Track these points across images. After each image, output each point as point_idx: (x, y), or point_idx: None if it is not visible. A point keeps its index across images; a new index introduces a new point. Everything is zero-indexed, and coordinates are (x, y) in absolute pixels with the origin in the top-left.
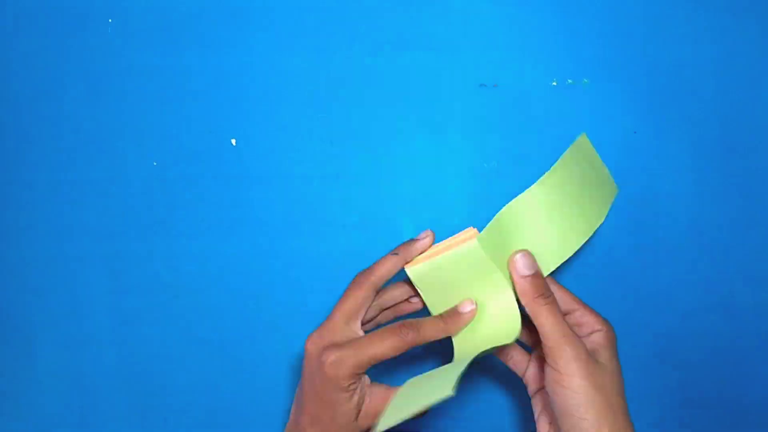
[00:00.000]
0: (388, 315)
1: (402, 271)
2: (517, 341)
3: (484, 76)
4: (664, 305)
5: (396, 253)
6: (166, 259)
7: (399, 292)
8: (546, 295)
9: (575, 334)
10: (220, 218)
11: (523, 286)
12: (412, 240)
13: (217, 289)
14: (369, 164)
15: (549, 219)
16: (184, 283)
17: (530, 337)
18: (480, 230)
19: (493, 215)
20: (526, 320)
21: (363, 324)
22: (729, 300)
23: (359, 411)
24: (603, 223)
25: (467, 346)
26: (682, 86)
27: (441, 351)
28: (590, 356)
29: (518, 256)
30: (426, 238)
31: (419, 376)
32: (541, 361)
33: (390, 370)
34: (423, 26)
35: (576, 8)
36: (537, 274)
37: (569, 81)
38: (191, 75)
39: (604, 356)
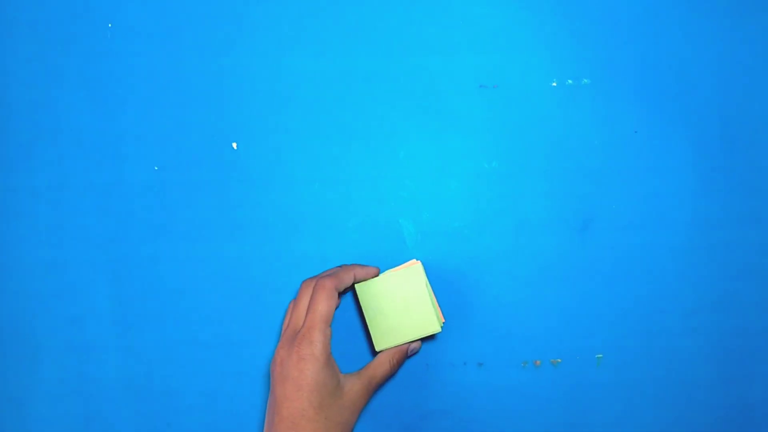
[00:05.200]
0: None
1: None
2: None
3: (485, 77)
4: (666, 304)
5: (352, 269)
6: (168, 263)
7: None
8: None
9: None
10: (221, 222)
11: None
12: (361, 265)
13: (219, 293)
14: (370, 166)
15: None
16: (187, 287)
17: None
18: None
19: (494, 215)
20: None
21: None
22: (731, 298)
23: (342, 396)
24: (603, 223)
25: (389, 338)
26: (682, 86)
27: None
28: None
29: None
30: (375, 267)
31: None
32: None
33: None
34: (423, 28)
35: (576, 9)
36: None
37: (569, 81)
38: (191, 79)
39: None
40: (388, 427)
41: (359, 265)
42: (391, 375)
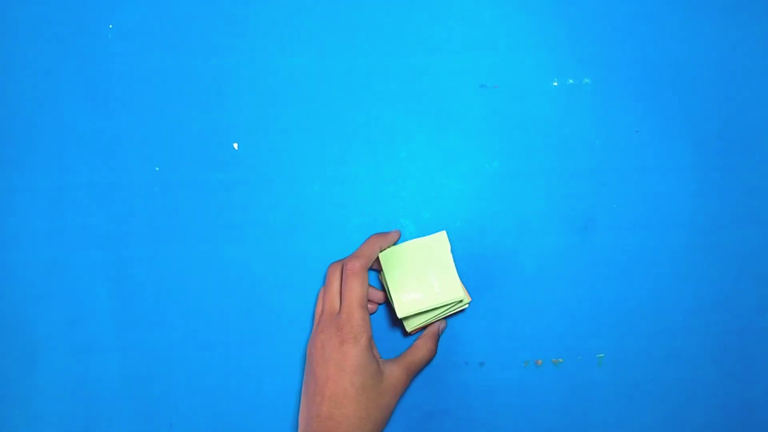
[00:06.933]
0: None
1: None
2: None
3: (485, 77)
4: (666, 304)
5: (376, 241)
6: (168, 263)
7: None
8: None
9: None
10: (222, 222)
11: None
12: (383, 234)
13: (220, 293)
14: (371, 166)
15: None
16: (187, 287)
17: None
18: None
19: (495, 215)
20: None
21: None
22: (731, 298)
23: (382, 380)
24: (604, 222)
25: (411, 305)
26: (683, 85)
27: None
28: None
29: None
30: (396, 231)
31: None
32: None
33: None
34: (424, 28)
35: (576, 8)
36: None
37: (570, 81)
38: (192, 79)
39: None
40: (389, 428)
41: (380, 234)
42: (429, 358)
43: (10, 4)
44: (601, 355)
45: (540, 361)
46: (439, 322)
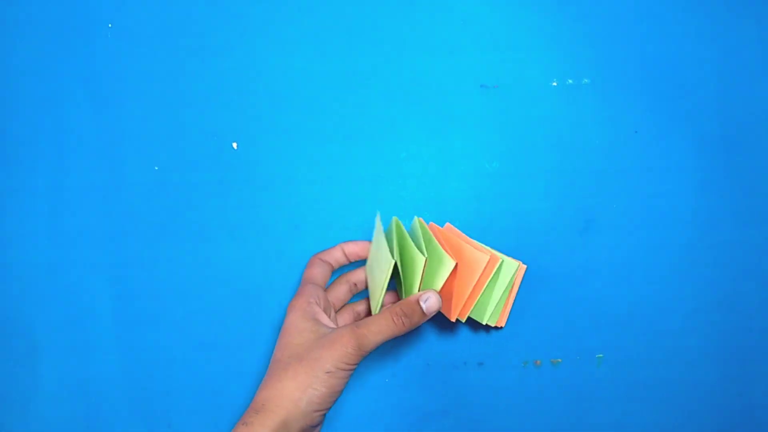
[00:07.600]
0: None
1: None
2: None
3: (485, 77)
4: (667, 304)
5: (341, 245)
6: (168, 263)
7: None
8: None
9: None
10: (221, 222)
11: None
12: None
13: (219, 293)
14: (371, 166)
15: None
16: (187, 287)
17: None
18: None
19: (495, 216)
20: None
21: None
22: (732, 298)
23: (319, 342)
24: (604, 223)
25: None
26: (682, 86)
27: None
28: None
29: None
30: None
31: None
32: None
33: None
34: (424, 28)
35: (576, 9)
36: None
37: (570, 81)
38: (192, 79)
39: None
40: (388, 428)
41: (351, 241)
42: (390, 332)
43: (10, 4)
44: (600, 355)
45: (539, 362)
46: (421, 294)
